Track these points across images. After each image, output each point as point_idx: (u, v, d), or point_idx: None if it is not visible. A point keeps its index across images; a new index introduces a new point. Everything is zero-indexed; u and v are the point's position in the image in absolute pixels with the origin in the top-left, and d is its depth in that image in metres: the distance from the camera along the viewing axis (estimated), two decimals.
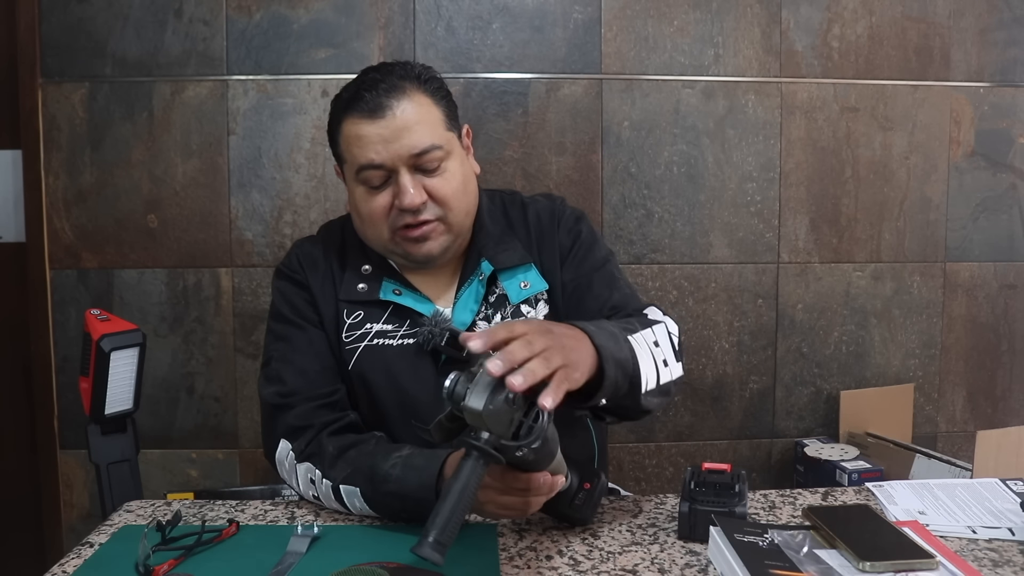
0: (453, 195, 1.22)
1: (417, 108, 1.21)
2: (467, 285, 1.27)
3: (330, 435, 1.17)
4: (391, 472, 1.09)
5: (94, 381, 1.48)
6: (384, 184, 1.22)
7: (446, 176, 1.22)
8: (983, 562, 1.00)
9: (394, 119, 1.19)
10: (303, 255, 1.31)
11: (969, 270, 2.19)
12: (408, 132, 1.19)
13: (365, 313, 1.26)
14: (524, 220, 1.33)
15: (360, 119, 1.20)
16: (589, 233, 1.35)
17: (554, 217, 1.34)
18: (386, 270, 1.28)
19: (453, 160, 1.24)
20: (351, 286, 1.27)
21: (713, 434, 2.15)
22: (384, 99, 1.19)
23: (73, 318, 2.02)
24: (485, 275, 1.26)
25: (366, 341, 1.24)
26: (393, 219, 1.22)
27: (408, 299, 1.25)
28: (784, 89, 2.10)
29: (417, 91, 1.22)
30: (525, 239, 1.31)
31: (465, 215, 1.26)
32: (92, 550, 1.05)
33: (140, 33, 1.99)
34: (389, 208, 1.22)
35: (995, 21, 2.14)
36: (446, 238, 1.24)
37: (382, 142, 1.19)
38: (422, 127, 1.20)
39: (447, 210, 1.22)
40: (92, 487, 1.98)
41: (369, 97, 1.20)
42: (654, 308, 1.24)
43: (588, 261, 1.31)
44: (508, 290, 1.27)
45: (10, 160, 2.05)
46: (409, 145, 1.19)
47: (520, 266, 1.28)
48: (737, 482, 1.08)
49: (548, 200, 1.37)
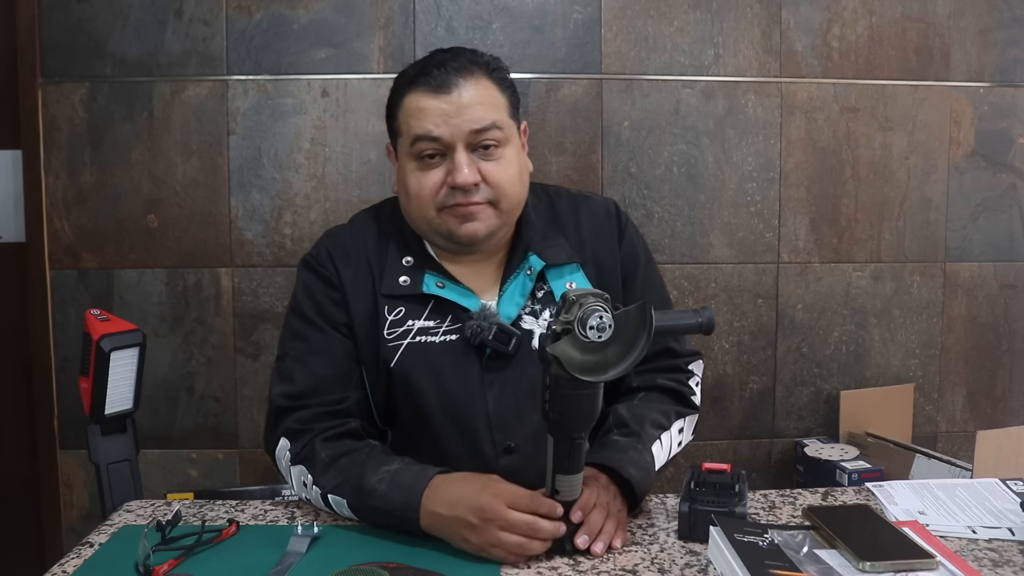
0: (508, 181, 1.21)
1: (482, 90, 1.20)
2: (513, 278, 1.25)
3: (324, 441, 1.16)
4: (377, 487, 1.08)
5: (94, 381, 1.48)
6: (438, 161, 1.20)
7: (502, 162, 1.20)
8: (983, 562, 1.00)
9: (459, 97, 1.18)
10: (334, 247, 1.27)
11: (969, 270, 2.19)
12: (470, 109, 1.18)
13: (407, 309, 1.23)
14: (575, 216, 1.31)
15: (424, 93, 1.19)
16: (646, 253, 1.36)
17: (612, 220, 1.32)
18: (428, 261, 1.25)
19: (511, 147, 1.22)
20: (392, 279, 1.24)
21: (713, 434, 2.15)
22: (452, 76, 1.18)
23: (73, 318, 2.02)
24: (535, 270, 1.24)
25: (409, 338, 1.22)
26: (443, 197, 1.20)
27: (452, 292, 1.23)
28: (784, 89, 2.10)
29: (484, 76, 1.21)
30: (574, 235, 1.29)
31: (516, 204, 1.24)
32: (92, 550, 1.05)
33: (140, 33, 1.99)
34: (440, 185, 1.19)
35: (995, 21, 2.14)
36: (494, 222, 1.21)
37: (443, 116, 1.17)
38: (484, 107, 1.19)
39: (500, 195, 1.20)
40: (92, 487, 1.97)
41: (437, 73, 1.19)
42: (698, 358, 1.35)
43: (652, 289, 1.31)
44: (555, 288, 1.25)
45: (10, 160, 2.05)
46: (470, 120, 1.18)
47: (567, 264, 1.27)
48: (737, 482, 1.09)
49: (603, 200, 1.36)
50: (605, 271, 1.28)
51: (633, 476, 1.12)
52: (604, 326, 0.93)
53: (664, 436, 1.22)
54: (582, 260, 1.28)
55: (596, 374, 0.94)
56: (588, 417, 1.01)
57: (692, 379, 1.32)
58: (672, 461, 1.26)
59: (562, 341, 0.94)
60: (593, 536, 1.04)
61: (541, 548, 1.02)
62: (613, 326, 0.93)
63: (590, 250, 1.29)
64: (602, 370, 0.94)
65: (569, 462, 1.03)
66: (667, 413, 1.25)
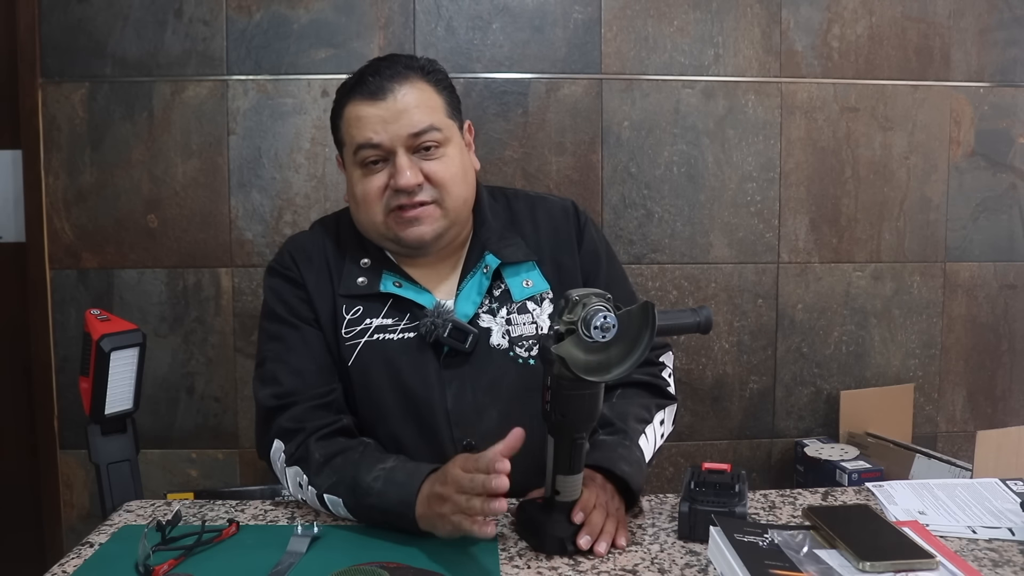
0: (451, 179, 1.22)
1: (418, 93, 1.22)
2: (470, 277, 1.27)
3: (318, 440, 1.17)
4: (373, 485, 1.08)
5: (94, 381, 1.48)
6: (381, 167, 1.22)
7: (444, 161, 1.22)
8: (983, 562, 1.00)
9: (395, 102, 1.20)
10: (295, 250, 1.30)
11: (969, 270, 2.19)
12: (407, 114, 1.20)
13: (364, 308, 1.25)
14: (532, 217, 1.33)
15: (362, 101, 1.21)
16: (608, 250, 1.36)
17: (570, 220, 1.33)
18: (385, 263, 1.27)
19: (452, 146, 1.24)
20: (350, 280, 1.26)
21: (713, 434, 2.15)
22: (387, 83, 1.21)
23: (73, 318, 2.02)
24: (491, 268, 1.26)
25: (366, 337, 1.24)
26: (387, 200, 1.22)
27: (409, 291, 1.24)
28: (784, 89, 2.10)
29: (420, 79, 1.23)
30: (532, 236, 1.31)
31: (462, 202, 1.26)
32: (92, 550, 1.05)
33: (140, 33, 1.99)
34: (384, 189, 1.22)
35: (995, 21, 2.14)
36: (441, 223, 1.23)
37: (381, 123, 1.20)
38: (421, 109, 1.21)
39: (444, 193, 1.22)
40: (92, 487, 1.98)
41: (372, 81, 1.21)
42: (668, 350, 1.35)
43: (617, 286, 1.31)
44: (511, 287, 1.27)
45: (10, 160, 2.05)
46: (408, 125, 1.20)
47: (523, 263, 1.28)
48: (737, 482, 1.09)
49: (560, 200, 1.37)
50: (564, 270, 1.30)
51: (627, 473, 1.13)
52: (608, 326, 0.93)
53: (648, 429, 1.24)
54: (538, 259, 1.29)
55: (600, 374, 0.94)
56: (589, 417, 1.01)
57: (665, 371, 1.34)
58: (659, 452, 1.28)
59: (566, 342, 0.94)
60: (595, 536, 1.04)
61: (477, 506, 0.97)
62: (617, 326, 0.93)
63: (548, 250, 1.30)
64: (605, 370, 0.94)
65: (570, 462, 1.03)
66: (647, 407, 1.27)
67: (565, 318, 0.95)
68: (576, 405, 0.99)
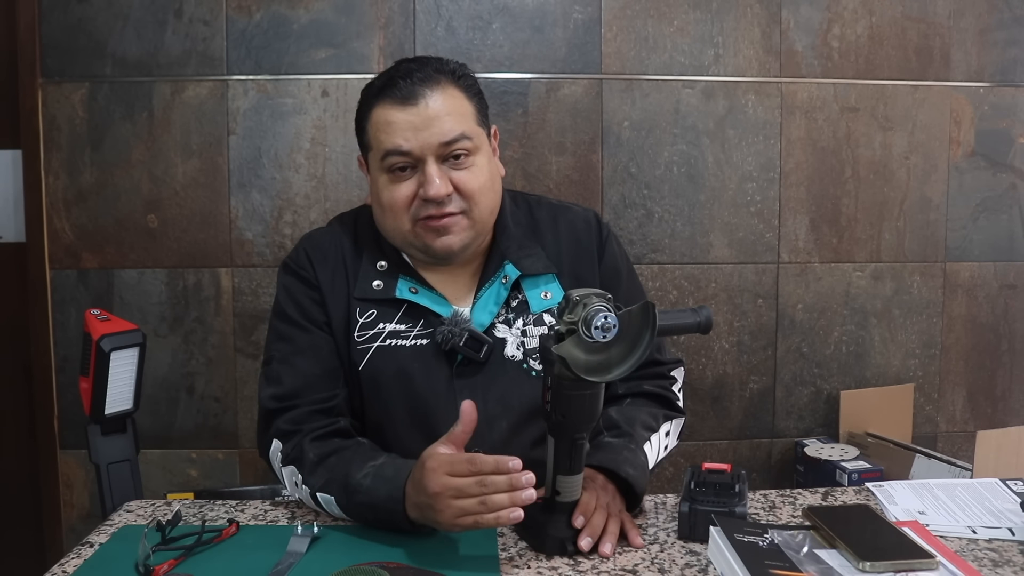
0: (480, 189, 1.21)
1: (449, 100, 1.20)
2: (488, 286, 1.25)
3: (312, 440, 1.16)
4: (362, 482, 1.08)
5: (94, 381, 1.48)
6: (409, 174, 1.20)
7: (473, 170, 1.21)
8: (983, 562, 1.00)
9: (426, 108, 1.18)
10: (312, 248, 1.28)
11: (969, 270, 2.19)
12: (438, 121, 1.18)
13: (378, 312, 1.23)
14: (554, 226, 1.31)
15: (391, 106, 1.19)
16: (628, 265, 1.36)
17: (592, 232, 1.31)
18: (402, 267, 1.26)
19: (481, 155, 1.22)
20: (366, 283, 1.24)
21: (713, 434, 2.15)
22: (418, 87, 1.18)
23: (73, 318, 2.02)
24: (510, 279, 1.24)
25: (379, 341, 1.22)
26: (416, 210, 1.20)
27: (425, 298, 1.23)
28: (784, 89, 2.10)
29: (451, 84, 1.21)
30: (553, 246, 1.29)
31: (490, 212, 1.24)
32: (92, 550, 1.05)
33: (140, 33, 1.99)
34: (412, 198, 1.20)
35: (995, 21, 2.14)
36: (468, 234, 1.22)
37: (412, 129, 1.18)
38: (452, 117, 1.19)
39: (472, 204, 1.20)
40: (92, 487, 1.97)
41: (403, 84, 1.19)
42: (680, 366, 1.35)
43: (636, 302, 1.31)
44: (530, 298, 1.25)
45: (10, 160, 2.05)
46: (439, 133, 1.18)
47: (543, 275, 1.27)
48: (737, 482, 1.09)
49: (583, 210, 1.35)
50: (583, 283, 1.27)
51: (631, 475, 1.13)
52: (609, 326, 0.93)
53: (654, 438, 1.24)
54: (558, 271, 1.28)
55: (600, 374, 0.94)
56: (590, 417, 1.01)
57: (675, 385, 1.34)
58: (660, 464, 1.28)
59: (566, 342, 0.94)
60: (595, 538, 1.04)
61: (506, 502, 0.96)
62: (618, 326, 0.93)
63: (568, 261, 1.29)
64: (606, 370, 0.94)
65: (571, 463, 1.03)
66: (655, 416, 1.27)
67: (566, 318, 0.95)
68: (577, 405, 0.99)
